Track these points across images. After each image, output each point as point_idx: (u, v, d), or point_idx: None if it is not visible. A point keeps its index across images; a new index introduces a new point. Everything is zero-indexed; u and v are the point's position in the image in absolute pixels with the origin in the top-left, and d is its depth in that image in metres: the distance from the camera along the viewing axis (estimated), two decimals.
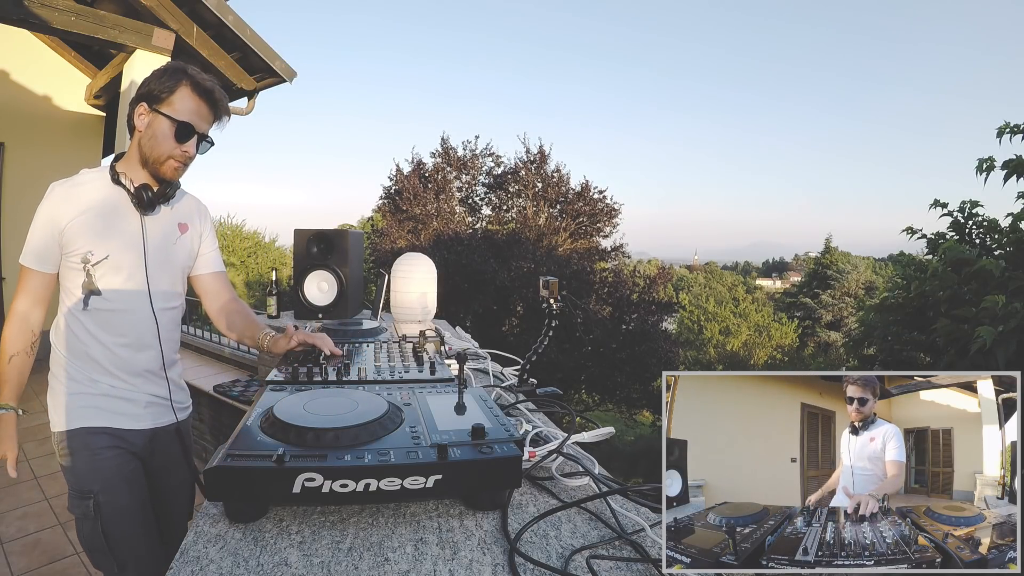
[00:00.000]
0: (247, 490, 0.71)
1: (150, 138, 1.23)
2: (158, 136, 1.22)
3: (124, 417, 1.27)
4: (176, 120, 1.21)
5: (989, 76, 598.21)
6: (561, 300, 1.43)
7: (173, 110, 1.21)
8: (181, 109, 1.22)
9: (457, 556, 0.69)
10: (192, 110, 1.23)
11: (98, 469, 1.22)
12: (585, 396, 10.68)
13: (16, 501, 2.78)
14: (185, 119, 1.22)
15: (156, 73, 1.24)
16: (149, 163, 1.25)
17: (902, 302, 3.66)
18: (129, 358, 1.27)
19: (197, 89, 1.24)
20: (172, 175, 1.27)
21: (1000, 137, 3.27)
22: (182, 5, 4.08)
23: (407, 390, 1.03)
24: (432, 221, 10.97)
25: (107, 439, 1.24)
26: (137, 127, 1.24)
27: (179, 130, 1.22)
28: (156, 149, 1.23)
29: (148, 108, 1.22)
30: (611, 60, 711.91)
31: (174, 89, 1.22)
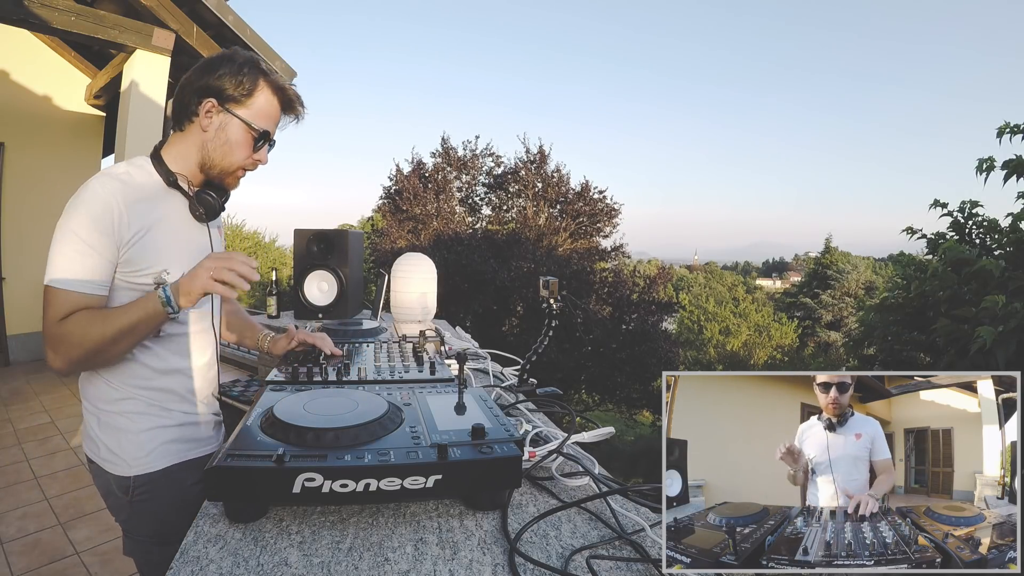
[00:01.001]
0: (247, 490, 0.71)
1: (222, 144, 1.07)
2: (232, 143, 1.08)
3: (201, 444, 1.17)
4: (257, 129, 1.08)
5: (989, 76, 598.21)
6: (561, 300, 1.43)
7: (253, 115, 1.07)
8: (261, 114, 1.08)
9: (457, 556, 0.69)
10: (271, 116, 1.10)
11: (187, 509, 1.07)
12: (585, 396, 10.68)
13: (16, 501, 2.78)
14: (266, 127, 1.09)
15: (226, 65, 1.06)
16: (215, 170, 1.10)
17: (902, 302, 3.66)
18: (202, 381, 1.17)
19: (278, 92, 1.11)
20: (236, 184, 1.15)
21: (1000, 137, 3.27)
22: (182, 5, 4.08)
23: (407, 390, 1.03)
24: (432, 221, 10.98)
25: (195, 473, 1.12)
26: (201, 126, 1.07)
27: (257, 139, 1.09)
28: (228, 158, 1.09)
29: (220, 106, 1.06)
30: (611, 60, 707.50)
31: (253, 90, 1.07)
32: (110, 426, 1.07)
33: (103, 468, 1.08)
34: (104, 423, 1.07)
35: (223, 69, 1.05)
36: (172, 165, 1.09)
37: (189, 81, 1.07)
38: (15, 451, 3.38)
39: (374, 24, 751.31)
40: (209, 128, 1.07)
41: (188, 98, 1.07)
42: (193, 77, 1.07)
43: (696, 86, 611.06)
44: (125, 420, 1.07)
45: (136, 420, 1.07)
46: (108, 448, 1.07)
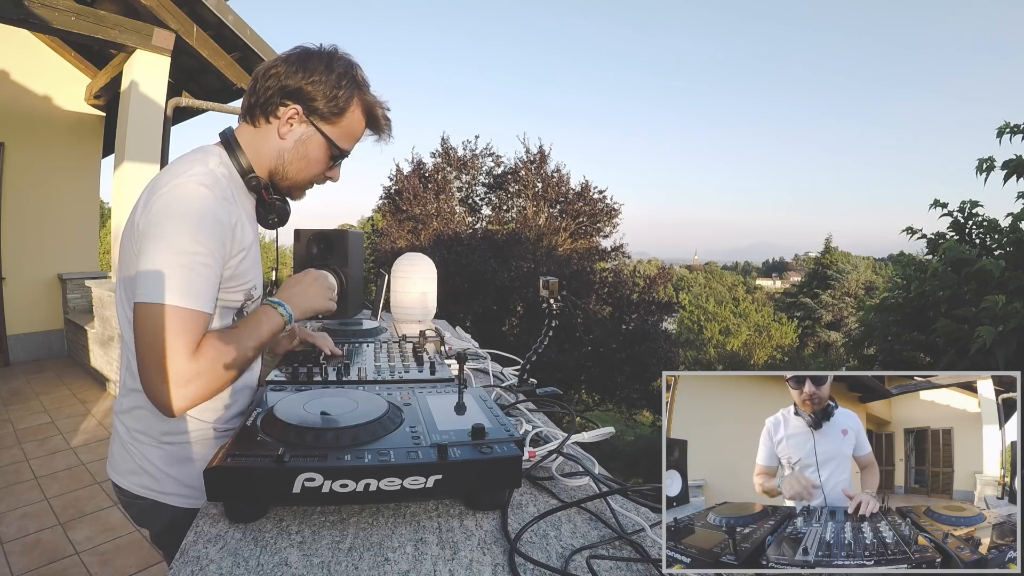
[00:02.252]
0: (247, 490, 0.71)
1: (301, 158, 0.99)
2: (311, 159, 1.00)
3: None
4: (340, 149, 1.00)
5: (989, 76, 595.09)
6: (561, 300, 1.43)
7: (339, 135, 0.99)
8: (346, 134, 1.00)
9: (457, 556, 0.69)
10: (355, 135, 1.02)
11: None
12: (585, 396, 10.68)
13: (16, 501, 2.78)
14: (347, 147, 1.01)
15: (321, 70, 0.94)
16: (286, 183, 1.02)
17: (902, 302, 3.66)
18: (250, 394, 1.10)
19: (368, 112, 1.02)
20: (302, 198, 1.08)
21: (1000, 137, 3.27)
22: (182, 5, 4.09)
23: (407, 390, 1.03)
24: (432, 221, 10.98)
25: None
26: (280, 134, 0.97)
27: (336, 157, 1.01)
28: (303, 173, 1.01)
29: (305, 117, 0.96)
30: (612, 60, 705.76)
31: (345, 109, 0.97)
32: (181, 457, 0.97)
33: (169, 504, 0.98)
34: (173, 456, 0.97)
35: (319, 76, 0.94)
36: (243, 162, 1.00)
37: (277, 73, 0.95)
38: (15, 451, 3.39)
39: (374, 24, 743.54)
40: (287, 137, 0.97)
41: (271, 94, 0.95)
42: (283, 70, 0.94)
43: (696, 86, 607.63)
44: (197, 448, 0.98)
45: (208, 446, 0.99)
46: (179, 482, 0.97)
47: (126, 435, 0.98)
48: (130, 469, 0.98)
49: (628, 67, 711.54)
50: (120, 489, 1.01)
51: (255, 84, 0.97)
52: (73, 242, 5.76)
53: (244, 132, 1.00)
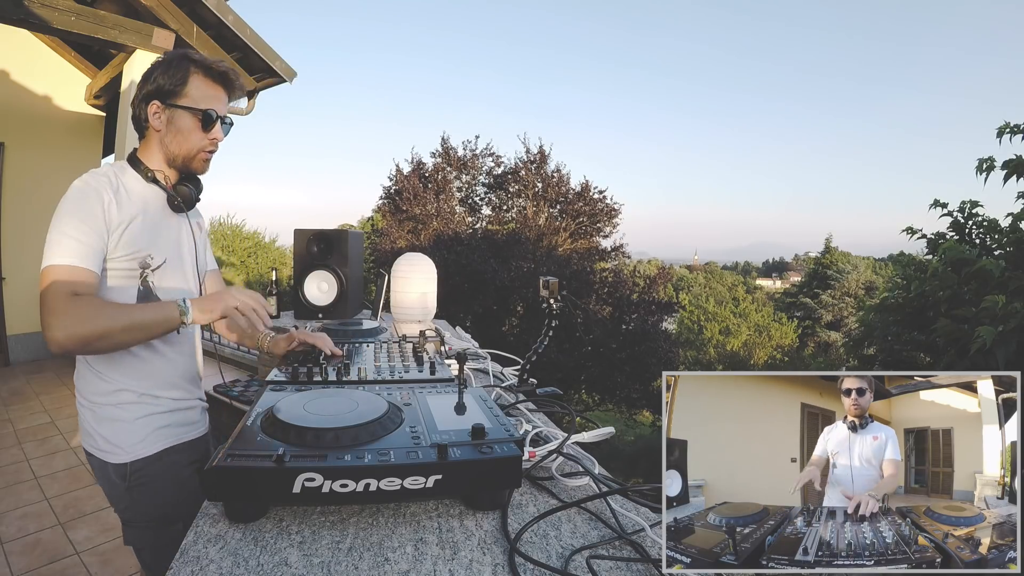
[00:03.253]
0: (247, 490, 0.71)
1: (175, 135, 1.16)
2: (183, 131, 1.16)
3: (191, 428, 1.25)
4: (199, 111, 1.16)
5: (989, 76, 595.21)
6: (561, 300, 1.43)
7: (192, 101, 1.15)
8: (199, 98, 1.16)
9: (457, 556, 0.69)
10: (210, 96, 1.18)
11: (185, 490, 1.17)
12: (585, 396, 10.68)
13: (16, 501, 2.78)
14: (206, 107, 1.17)
15: (159, 68, 1.16)
16: (179, 160, 1.19)
17: (902, 302, 3.66)
18: (187, 365, 1.25)
19: (209, 73, 1.18)
20: (204, 167, 1.23)
21: (1000, 137, 3.27)
22: (182, 5, 4.08)
23: (407, 390, 1.03)
24: (432, 221, 10.97)
25: (187, 454, 1.22)
26: (154, 127, 1.17)
27: (204, 120, 1.17)
28: (184, 144, 1.17)
29: (163, 105, 1.15)
30: (612, 60, 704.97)
31: (186, 80, 1.15)
32: (105, 418, 1.15)
33: (102, 460, 1.15)
34: (99, 416, 1.16)
35: (156, 72, 1.16)
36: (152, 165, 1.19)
37: (135, 96, 1.18)
38: (15, 451, 3.39)
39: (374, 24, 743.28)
40: (161, 127, 1.16)
41: (137, 110, 1.17)
42: (136, 91, 1.18)
43: (696, 86, 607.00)
44: (119, 411, 1.15)
45: (129, 410, 1.15)
46: (105, 439, 1.15)
47: (78, 400, 1.20)
48: (82, 430, 1.20)
49: (628, 66, 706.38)
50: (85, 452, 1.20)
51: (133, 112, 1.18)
52: None
53: (141, 149, 1.21)
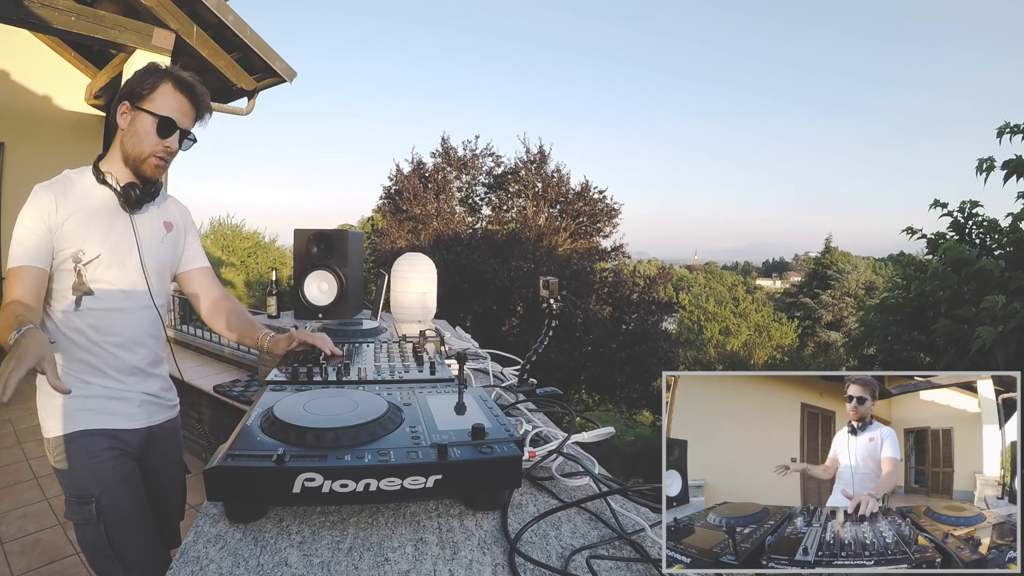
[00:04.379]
0: (247, 490, 0.71)
1: (132, 135, 1.23)
2: (140, 133, 1.22)
3: (119, 417, 1.27)
4: (158, 116, 1.22)
5: (989, 76, 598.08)
6: (561, 300, 1.43)
7: (155, 106, 1.22)
8: (163, 105, 1.22)
9: (457, 556, 0.69)
10: (174, 107, 1.24)
11: (97, 471, 1.21)
12: (585, 396, 10.68)
13: (16, 501, 2.78)
14: (167, 114, 1.22)
15: (138, 73, 1.25)
16: (131, 160, 1.24)
17: (902, 302, 3.66)
18: (123, 357, 1.27)
19: (179, 85, 1.24)
20: (154, 172, 1.27)
21: (1000, 137, 3.27)
22: (182, 5, 4.08)
23: (407, 390, 1.03)
24: (432, 221, 10.98)
25: (105, 440, 1.24)
26: (120, 126, 1.24)
27: (161, 126, 1.22)
28: (138, 146, 1.23)
29: (130, 106, 1.22)
30: (612, 60, 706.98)
31: (156, 86, 1.22)
32: (41, 392, 1.24)
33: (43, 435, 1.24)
34: (41, 390, 1.24)
35: (133, 77, 1.24)
36: (106, 167, 1.26)
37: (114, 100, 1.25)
38: (15, 451, 3.38)
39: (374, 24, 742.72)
40: (125, 126, 1.24)
41: (112, 111, 1.24)
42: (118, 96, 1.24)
43: (696, 86, 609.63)
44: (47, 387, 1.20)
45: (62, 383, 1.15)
46: (42, 413, 1.24)
47: None
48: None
49: (629, 66, 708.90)
50: None
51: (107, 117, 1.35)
52: None
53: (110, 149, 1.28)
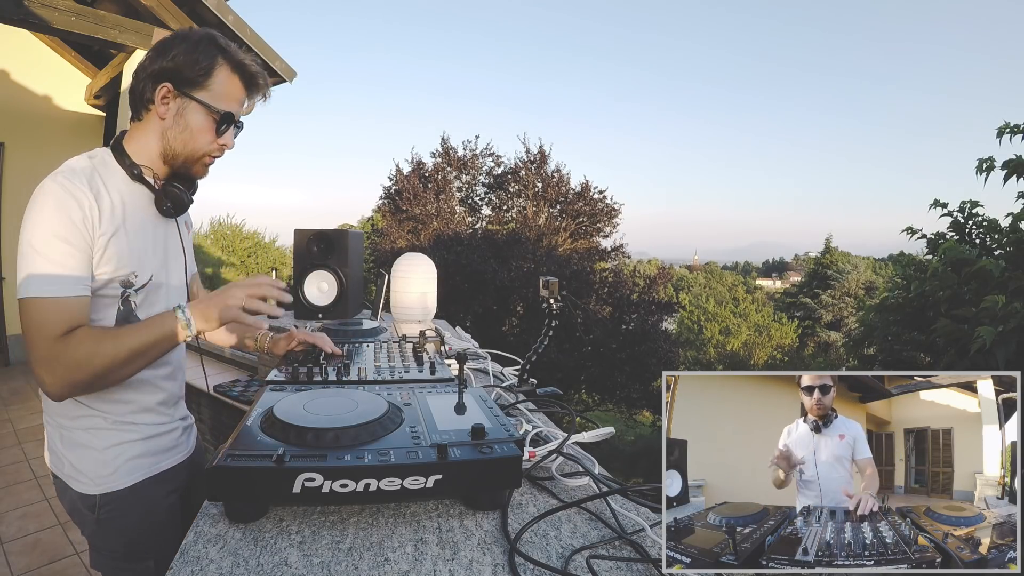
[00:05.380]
0: (247, 490, 0.71)
1: (183, 131, 0.99)
2: (193, 129, 0.99)
3: (169, 454, 1.10)
4: (218, 111, 0.99)
5: (989, 76, 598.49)
6: (561, 300, 1.43)
7: (212, 97, 0.98)
8: (222, 95, 0.99)
9: (457, 556, 0.69)
10: (233, 96, 1.01)
11: (157, 526, 1.05)
12: (585, 396, 10.67)
13: (16, 501, 2.78)
14: (227, 108, 1.00)
15: (181, 44, 0.96)
16: (178, 159, 1.01)
17: (902, 302, 3.66)
18: (170, 388, 1.11)
19: (238, 69, 1.01)
20: (204, 173, 1.07)
21: (1000, 137, 3.27)
22: (182, 5, 4.08)
23: (407, 390, 1.03)
24: (432, 221, 10.98)
25: (160, 487, 1.07)
26: (158, 113, 0.98)
27: (220, 122, 1.00)
28: (190, 144, 1.00)
29: (176, 91, 0.97)
30: (612, 60, 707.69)
31: (211, 69, 0.97)
32: (73, 442, 1.00)
33: (67, 484, 1.01)
34: (67, 439, 1.00)
35: (177, 49, 0.96)
36: (135, 157, 1.00)
37: (143, 66, 0.98)
38: (15, 451, 3.38)
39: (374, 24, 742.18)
40: (167, 115, 0.98)
41: (143, 84, 0.98)
42: (147, 62, 0.98)
43: (696, 86, 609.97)
44: (88, 436, 1.00)
45: (100, 436, 1.00)
46: (72, 465, 1.00)
47: (45, 414, 1.04)
48: (47, 446, 1.05)
49: (629, 66, 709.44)
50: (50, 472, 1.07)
51: (133, 84, 0.99)
52: None
53: (133, 130, 1.02)
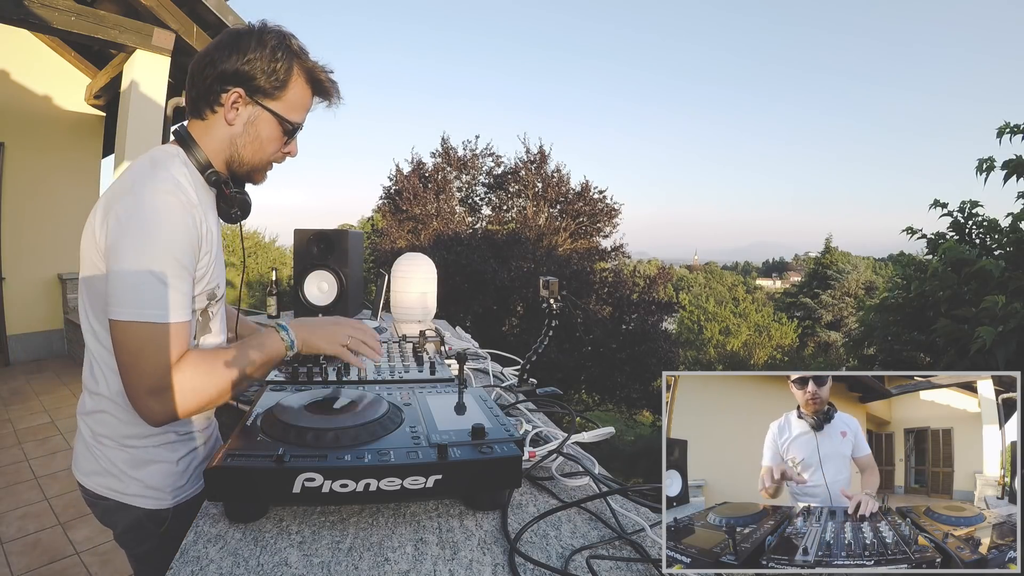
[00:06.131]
0: (247, 490, 0.71)
1: (252, 140, 0.97)
2: (263, 139, 0.97)
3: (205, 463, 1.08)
4: (291, 124, 0.97)
5: (989, 76, 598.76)
6: (561, 300, 1.43)
7: (285, 108, 0.96)
8: (294, 106, 0.97)
9: (457, 556, 0.69)
10: (304, 106, 0.99)
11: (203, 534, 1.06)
12: (585, 396, 10.68)
13: (16, 501, 2.78)
14: (298, 120, 0.98)
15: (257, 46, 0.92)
16: (244, 166, 0.99)
17: (902, 302, 3.66)
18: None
19: (312, 80, 0.99)
20: (264, 179, 1.05)
21: (1000, 137, 3.27)
22: (182, 5, 4.09)
23: (407, 390, 1.03)
24: (432, 221, 10.98)
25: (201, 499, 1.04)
26: (226, 119, 0.94)
27: (289, 133, 0.99)
28: (260, 154, 0.98)
29: (248, 98, 0.93)
30: (612, 60, 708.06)
31: (287, 82, 0.94)
32: (147, 460, 0.97)
33: (132, 505, 0.98)
34: (137, 459, 0.97)
35: (253, 54, 0.91)
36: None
37: (212, 61, 0.92)
38: (15, 451, 3.39)
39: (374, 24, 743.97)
40: (236, 122, 0.95)
41: (210, 83, 0.92)
42: (216, 57, 0.91)
43: (696, 86, 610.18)
44: (162, 451, 0.98)
45: (173, 449, 0.99)
46: (142, 483, 0.97)
47: (90, 437, 0.98)
48: (94, 470, 0.98)
49: (629, 66, 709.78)
50: (84, 489, 1.01)
51: (193, 77, 0.94)
52: (73, 242, 5.69)
53: (195, 128, 0.97)
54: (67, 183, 5.69)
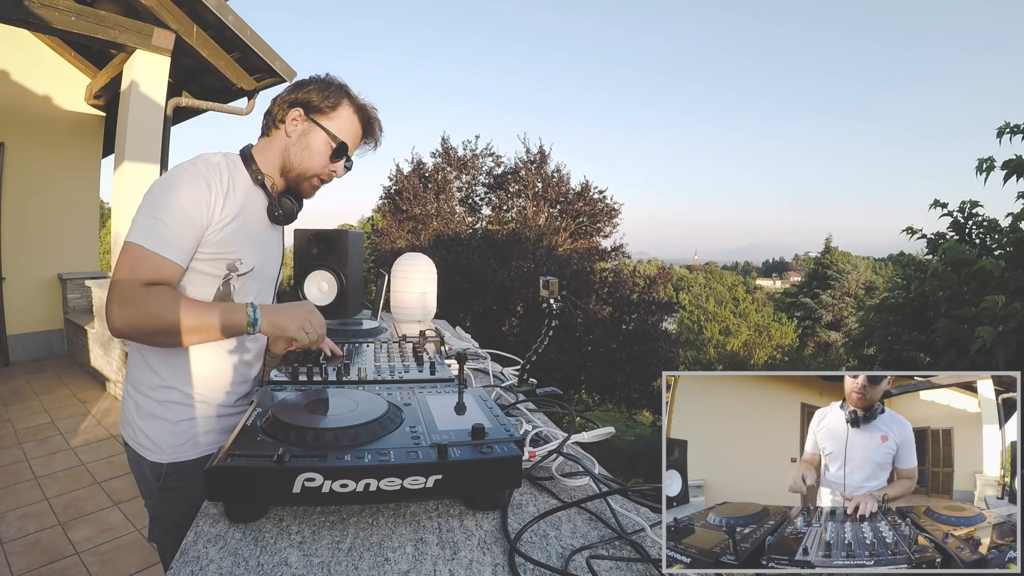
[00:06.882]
0: (247, 490, 0.71)
1: (303, 149, 1.16)
2: (312, 149, 1.16)
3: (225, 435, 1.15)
4: (337, 139, 1.17)
5: (989, 76, 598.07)
6: (561, 300, 1.43)
7: (334, 127, 1.16)
8: (342, 128, 1.17)
9: (457, 556, 0.69)
10: (351, 132, 1.19)
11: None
12: (585, 396, 10.68)
13: (16, 501, 2.78)
14: (345, 140, 1.17)
15: (315, 84, 1.18)
16: (293, 174, 1.18)
17: (902, 302, 3.66)
18: (247, 373, 1.22)
19: (360, 112, 1.20)
20: (311, 193, 1.23)
21: (1000, 137, 3.27)
22: (182, 5, 4.09)
23: (407, 390, 1.03)
24: (432, 221, 10.98)
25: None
26: (287, 131, 1.16)
27: (336, 149, 1.17)
28: (307, 163, 1.17)
29: (305, 116, 1.15)
30: (612, 61, 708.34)
31: (337, 106, 1.17)
32: (149, 413, 1.11)
33: (138, 453, 1.12)
34: (143, 409, 1.11)
35: (312, 85, 1.17)
36: (264, 168, 1.17)
37: (281, 96, 1.18)
38: (15, 451, 3.39)
39: (374, 24, 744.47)
40: (293, 134, 1.16)
41: (277, 109, 1.17)
42: (285, 92, 1.19)
43: (696, 86, 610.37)
44: (164, 409, 1.11)
45: (175, 410, 1.11)
46: (145, 435, 1.11)
47: (126, 387, 1.16)
48: (124, 420, 1.16)
49: (629, 67, 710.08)
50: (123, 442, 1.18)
51: (269, 108, 1.19)
52: (73, 242, 5.76)
53: (260, 144, 1.20)
54: (67, 183, 5.69)
